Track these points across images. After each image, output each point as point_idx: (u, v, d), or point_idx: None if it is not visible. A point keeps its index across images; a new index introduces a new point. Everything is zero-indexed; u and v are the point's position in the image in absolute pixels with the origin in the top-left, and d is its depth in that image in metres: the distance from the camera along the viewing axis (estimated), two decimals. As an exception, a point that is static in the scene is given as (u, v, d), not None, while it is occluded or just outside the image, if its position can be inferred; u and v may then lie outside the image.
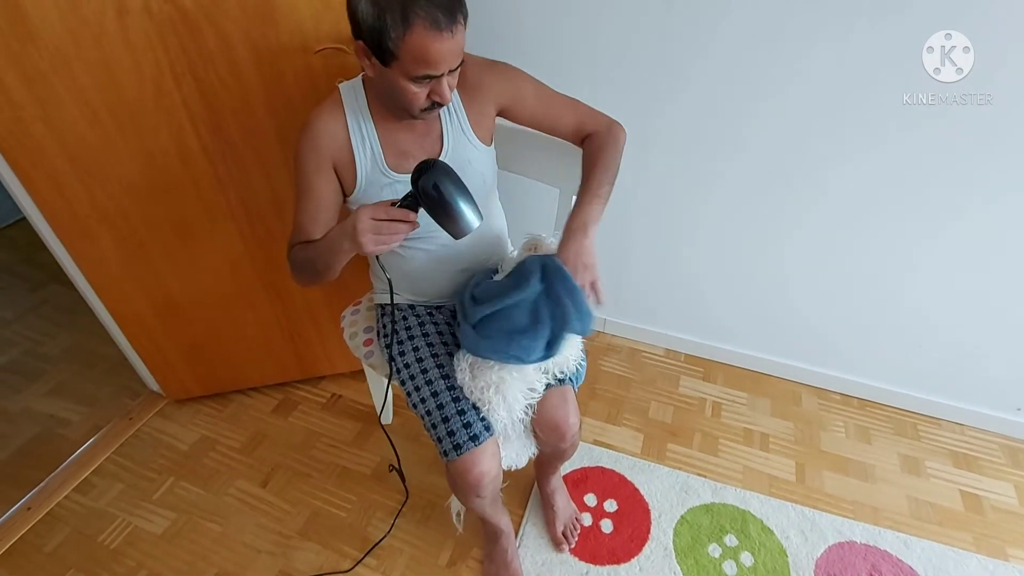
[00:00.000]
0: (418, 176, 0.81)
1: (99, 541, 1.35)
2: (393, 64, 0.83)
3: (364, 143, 0.98)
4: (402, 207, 0.84)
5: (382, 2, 0.78)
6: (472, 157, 1.04)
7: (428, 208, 0.82)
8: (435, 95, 0.88)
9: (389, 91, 0.89)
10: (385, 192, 1.00)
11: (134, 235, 1.32)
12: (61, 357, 1.85)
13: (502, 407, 0.98)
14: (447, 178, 0.81)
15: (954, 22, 1.02)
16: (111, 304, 1.44)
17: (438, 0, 0.78)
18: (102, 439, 1.59)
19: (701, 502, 1.42)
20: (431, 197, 0.80)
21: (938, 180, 1.27)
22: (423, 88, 0.86)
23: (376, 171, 0.99)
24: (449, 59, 0.83)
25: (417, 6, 0.77)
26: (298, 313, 1.55)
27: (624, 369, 1.79)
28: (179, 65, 1.12)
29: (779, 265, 1.56)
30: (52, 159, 1.17)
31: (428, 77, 0.84)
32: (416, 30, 0.78)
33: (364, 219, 0.83)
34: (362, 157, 0.98)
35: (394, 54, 0.81)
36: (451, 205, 0.81)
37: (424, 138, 1.00)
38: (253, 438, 1.59)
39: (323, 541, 1.35)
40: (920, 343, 1.55)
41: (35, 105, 1.10)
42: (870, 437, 1.60)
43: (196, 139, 1.21)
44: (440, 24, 0.79)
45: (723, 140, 1.40)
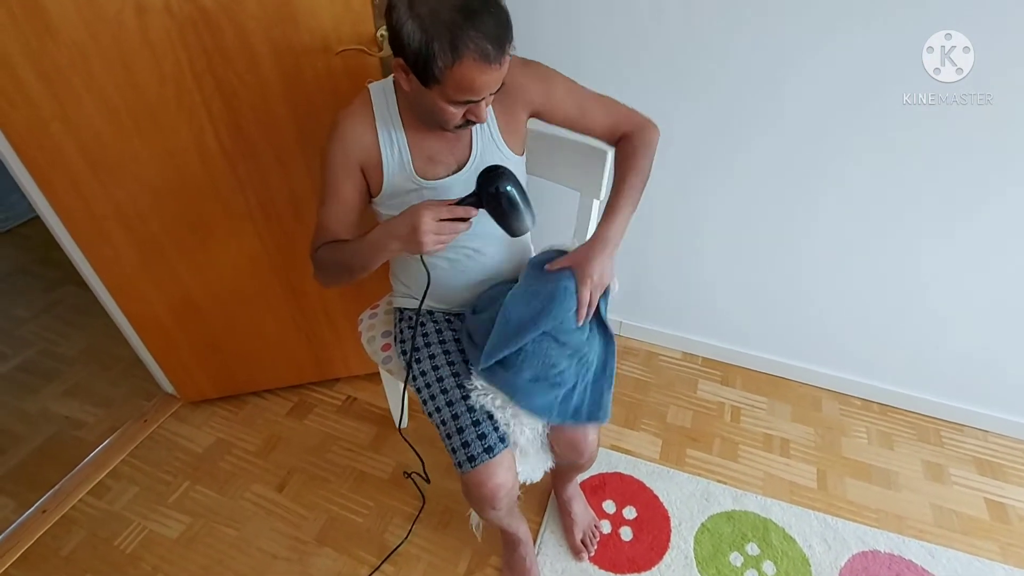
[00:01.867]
0: (486, 180, 0.84)
1: (115, 545, 1.35)
2: (434, 87, 0.81)
3: (393, 148, 0.96)
4: (464, 205, 0.85)
5: (430, 28, 0.74)
6: (501, 164, 1.01)
7: (494, 210, 0.86)
8: (471, 115, 0.86)
9: (424, 107, 0.87)
10: (411, 198, 0.98)
11: (151, 235, 1.30)
12: (77, 358, 1.84)
13: (518, 421, 0.96)
14: (514, 183, 0.84)
15: (954, 22, 1.02)
16: (126, 305, 1.42)
17: (489, 29, 0.75)
18: (117, 441, 1.58)
19: (722, 509, 1.40)
20: (498, 202, 0.84)
21: (950, 180, 1.25)
22: (461, 109, 0.85)
23: (404, 177, 0.97)
24: (493, 86, 0.82)
25: (468, 37, 0.74)
26: (315, 314, 1.53)
27: (641, 372, 1.77)
28: (199, 64, 1.10)
29: (796, 267, 1.54)
30: (69, 158, 1.16)
31: (469, 101, 0.83)
32: (465, 62, 0.76)
33: (428, 219, 0.82)
34: (390, 162, 0.96)
35: (438, 80, 0.79)
36: (516, 209, 0.85)
37: (454, 145, 0.98)
38: (268, 441, 1.58)
39: (340, 547, 1.34)
40: (941, 347, 1.53)
41: (53, 103, 1.09)
42: (892, 443, 1.57)
43: (215, 138, 1.19)
44: (489, 57, 0.76)
45: (739, 142, 1.38)
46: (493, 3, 0.77)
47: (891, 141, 1.23)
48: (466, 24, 0.74)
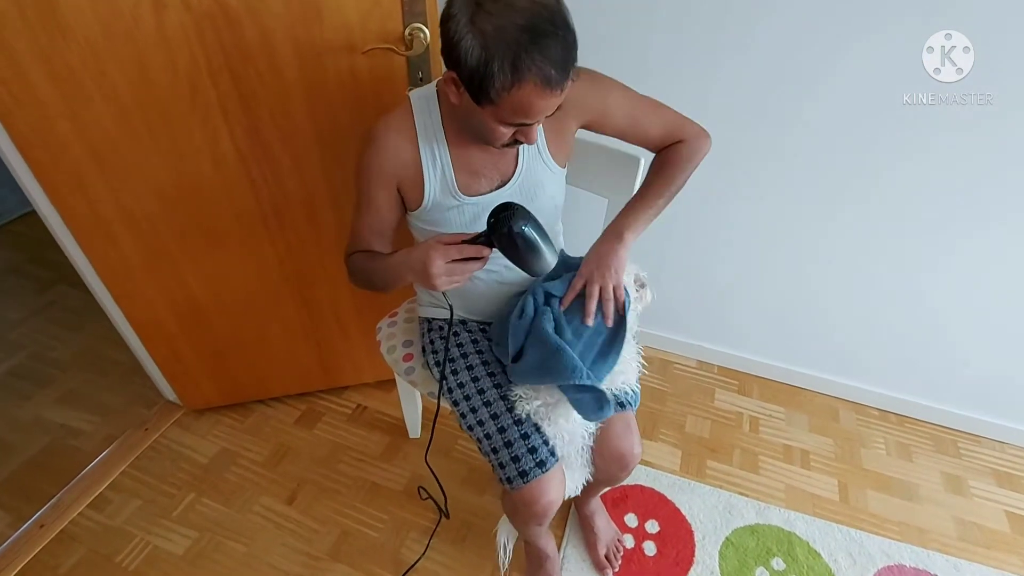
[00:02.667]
0: (497, 222, 0.77)
1: (117, 562, 1.29)
2: (487, 106, 0.75)
3: (435, 163, 0.91)
4: (476, 244, 0.80)
5: (492, 46, 0.69)
6: (545, 180, 0.97)
7: (508, 251, 0.79)
8: (521, 136, 0.82)
9: (472, 123, 0.83)
10: (451, 214, 0.94)
11: (159, 239, 1.24)
12: (71, 362, 1.77)
13: (565, 432, 0.92)
14: (527, 222, 0.77)
15: (954, 22, 1.01)
16: (129, 310, 1.36)
17: (555, 54, 0.70)
18: (117, 451, 1.51)
19: (746, 523, 1.38)
20: (513, 243, 0.77)
21: (955, 182, 1.24)
22: (511, 129, 0.80)
23: (446, 193, 0.93)
24: (549, 111, 0.77)
25: (531, 60, 0.69)
26: (326, 320, 1.48)
27: (658, 381, 1.75)
28: (216, 62, 1.05)
29: (813, 276, 1.52)
30: (76, 158, 1.10)
31: (522, 124, 0.78)
32: (525, 86, 0.71)
33: (438, 262, 0.78)
34: (432, 178, 0.92)
35: (492, 101, 0.74)
36: (533, 249, 0.78)
37: (499, 159, 0.94)
38: (276, 451, 1.53)
39: (354, 563, 1.29)
40: (959, 357, 1.52)
41: (61, 102, 1.03)
42: (911, 455, 1.56)
43: (230, 140, 1.14)
44: (552, 83, 0.71)
45: (753, 148, 1.36)
46: (562, 24, 0.71)
47: (891, 141, 1.22)
48: (532, 47, 0.68)
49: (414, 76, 1.12)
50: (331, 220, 1.30)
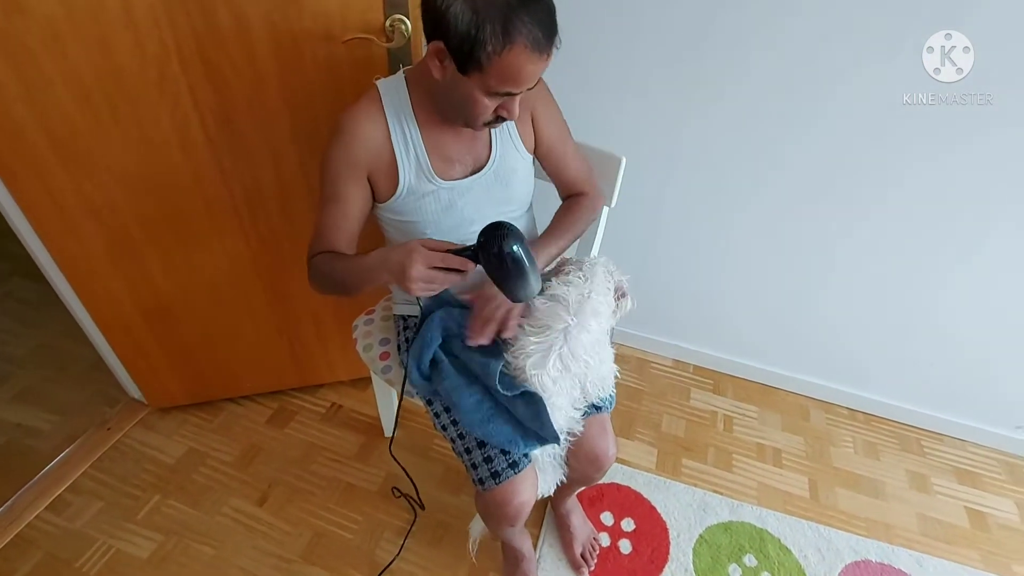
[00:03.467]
0: (488, 239, 0.74)
1: (76, 567, 1.23)
2: (474, 74, 0.75)
3: (408, 147, 0.89)
4: (462, 256, 0.78)
5: (482, 9, 0.70)
6: (518, 166, 0.97)
7: (495, 271, 0.77)
8: (504, 110, 0.82)
9: (455, 99, 0.82)
10: (427, 201, 0.92)
11: (124, 231, 1.19)
12: (28, 358, 1.69)
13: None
14: (520, 244, 0.74)
15: (954, 22, 1.02)
16: (91, 304, 1.30)
17: (542, 18, 0.72)
18: (77, 451, 1.45)
19: (719, 520, 1.40)
20: (502, 263, 0.74)
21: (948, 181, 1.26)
22: (495, 102, 0.80)
23: (421, 178, 0.91)
24: (533, 80, 0.78)
25: (521, 23, 0.71)
26: (299, 317, 1.44)
27: (634, 380, 1.76)
28: (187, 47, 1.00)
29: (788, 278, 1.55)
30: (34, 144, 1.04)
31: (508, 94, 0.78)
32: (516, 48, 0.72)
33: (418, 266, 0.75)
34: (406, 163, 0.90)
35: (481, 66, 0.74)
36: (521, 273, 0.76)
37: (472, 144, 0.92)
38: (247, 451, 1.48)
39: (328, 565, 1.26)
40: (924, 358, 1.56)
41: (17, 84, 0.97)
42: (878, 453, 1.61)
43: (201, 129, 1.10)
44: (540, 46, 0.73)
45: (733, 147, 1.37)
46: None
47: (891, 141, 1.23)
48: (521, 9, 0.70)
49: (394, 68, 1.09)
50: (306, 214, 1.26)
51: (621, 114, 1.39)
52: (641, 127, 1.40)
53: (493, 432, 0.91)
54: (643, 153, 1.43)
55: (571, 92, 1.08)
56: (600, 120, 1.39)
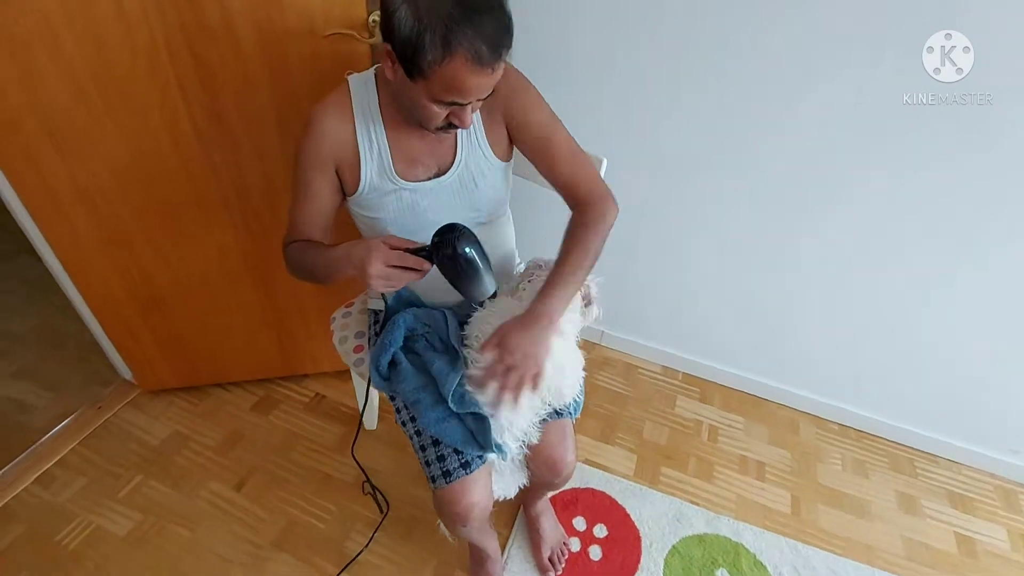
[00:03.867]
0: (441, 241, 0.78)
1: (56, 540, 1.27)
2: (419, 80, 0.75)
3: (372, 146, 0.90)
4: (418, 256, 0.80)
5: (424, 17, 0.69)
6: (485, 171, 0.96)
7: (448, 271, 0.79)
8: (455, 118, 0.81)
9: (405, 101, 0.82)
10: (389, 199, 0.93)
11: (115, 218, 1.23)
12: (28, 336, 1.75)
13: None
14: (472, 246, 0.77)
15: (954, 22, 1.01)
16: (84, 286, 1.35)
17: (487, 30, 0.70)
18: (68, 428, 1.50)
19: (694, 532, 1.38)
20: (456, 264, 0.77)
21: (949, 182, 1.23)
22: (444, 109, 0.79)
23: (383, 177, 0.92)
24: (481, 92, 0.77)
25: (462, 34, 0.69)
26: (286, 308, 1.47)
27: (619, 385, 1.74)
28: (176, 41, 1.03)
29: (783, 287, 1.53)
30: (28, 130, 1.08)
31: (454, 103, 0.78)
32: (456, 60, 0.71)
33: (377, 264, 0.77)
34: (368, 161, 0.91)
35: (424, 74, 0.73)
36: (473, 273, 0.78)
37: (436, 147, 0.93)
38: (230, 437, 1.51)
39: (298, 553, 1.28)
40: (923, 377, 1.52)
41: (14, 70, 1.01)
42: (867, 471, 1.57)
43: (190, 121, 1.12)
44: (483, 59, 0.71)
45: (732, 148, 1.35)
46: (497, 3, 0.72)
47: (892, 141, 1.21)
48: (464, 20, 0.69)
49: (375, 65, 1.11)
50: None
51: (603, 113, 1.39)
52: (631, 126, 1.39)
53: (446, 432, 0.91)
54: (630, 154, 1.42)
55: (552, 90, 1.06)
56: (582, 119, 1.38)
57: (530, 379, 0.83)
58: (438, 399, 0.93)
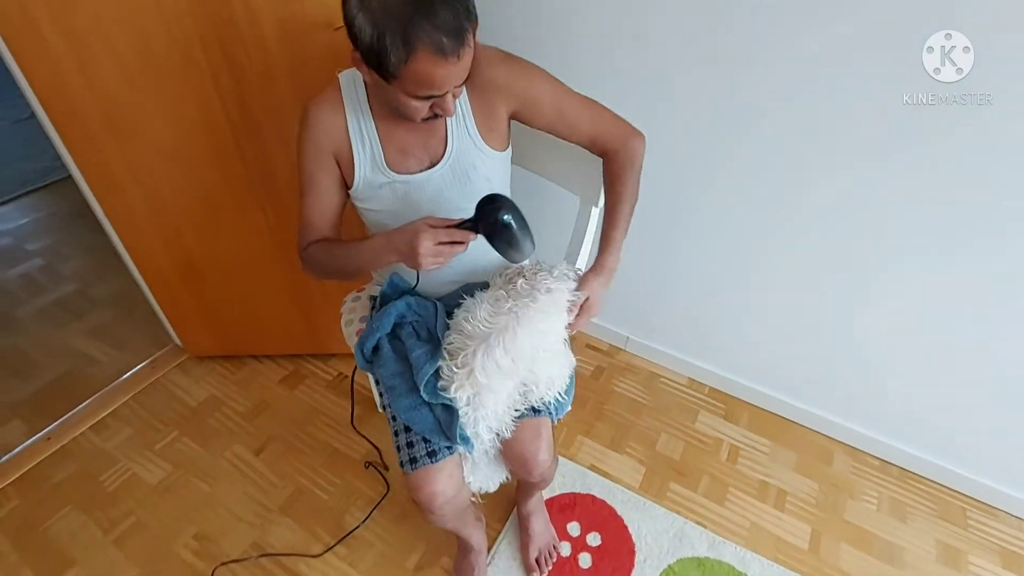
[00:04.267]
0: (483, 211, 0.84)
1: (100, 482, 1.43)
2: (392, 82, 0.77)
3: (363, 141, 0.93)
4: (463, 229, 0.85)
5: (380, 22, 0.70)
6: (477, 162, 0.96)
7: (493, 238, 0.85)
8: (438, 108, 0.83)
9: (388, 99, 0.84)
10: (384, 192, 0.95)
11: (159, 196, 1.35)
12: (106, 300, 1.97)
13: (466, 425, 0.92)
14: (513, 212, 0.84)
15: (954, 22, 0.97)
16: (137, 258, 1.50)
17: (443, 22, 0.70)
18: (124, 383, 1.67)
19: (694, 554, 1.31)
20: (499, 230, 0.84)
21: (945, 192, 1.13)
22: (424, 103, 0.80)
23: (376, 171, 0.94)
24: (455, 80, 0.78)
25: (420, 30, 0.70)
26: (311, 290, 1.55)
27: (638, 393, 1.68)
28: (208, 35, 1.11)
29: (829, 305, 1.39)
30: (87, 112, 1.21)
31: (431, 96, 0.79)
32: (419, 56, 0.71)
33: (427, 243, 0.82)
34: (361, 156, 0.93)
35: (394, 75, 0.75)
36: (516, 239, 0.84)
37: (428, 139, 0.94)
38: (257, 405, 1.62)
39: (300, 520, 1.36)
40: (989, 415, 1.34)
41: (73, 60, 1.14)
42: (906, 515, 1.41)
43: (222, 110, 1.21)
44: (445, 50, 0.72)
45: (758, 157, 1.27)
46: None
47: (892, 141, 1.14)
48: (417, 16, 0.69)
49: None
50: None
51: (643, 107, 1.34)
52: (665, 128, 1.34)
53: (416, 420, 0.93)
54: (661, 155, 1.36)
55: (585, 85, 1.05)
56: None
57: None
58: (412, 387, 0.95)
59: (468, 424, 0.93)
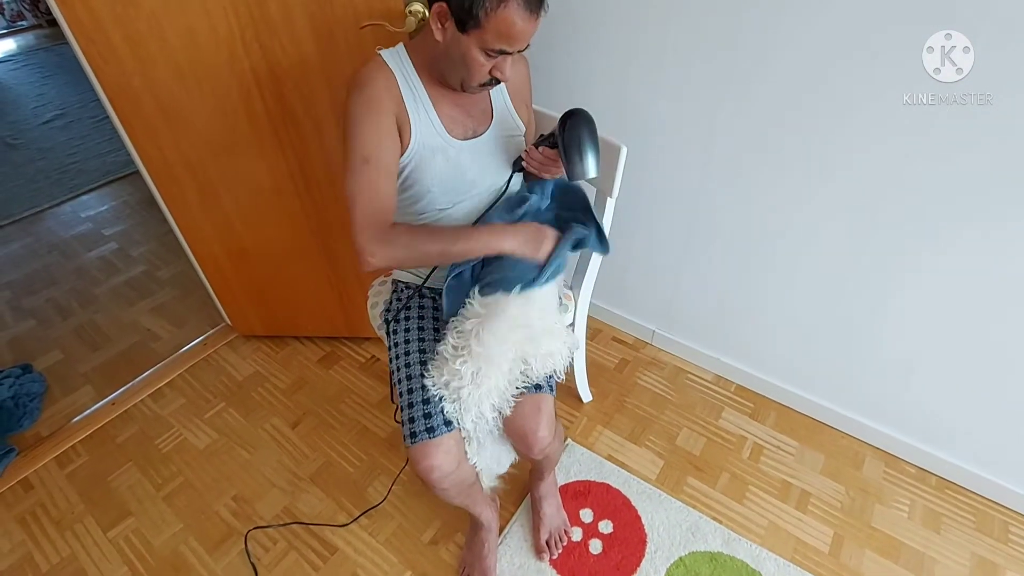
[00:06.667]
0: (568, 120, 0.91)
1: (155, 444, 1.57)
2: (472, 32, 0.84)
3: (418, 104, 0.96)
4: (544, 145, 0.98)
5: None
6: (514, 132, 1.06)
7: (570, 146, 0.91)
8: (497, 71, 0.89)
9: (453, 58, 0.89)
10: (437, 157, 0.97)
11: (210, 184, 1.47)
12: (170, 281, 2.15)
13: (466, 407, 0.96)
14: (592, 125, 0.91)
15: (954, 22, 0.97)
16: (190, 241, 1.63)
17: None
18: (180, 357, 1.83)
19: (707, 548, 1.30)
20: (579, 139, 0.90)
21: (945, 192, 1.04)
22: (490, 62, 0.87)
23: (432, 134, 0.97)
24: (526, 39, 0.86)
25: None
26: (346, 274, 1.64)
27: (663, 387, 1.67)
28: (248, 34, 1.20)
29: (863, 302, 1.34)
30: (147, 109, 1.33)
31: (502, 52, 0.86)
32: (511, 6, 0.80)
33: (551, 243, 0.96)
34: (416, 118, 0.95)
35: (479, 23, 0.82)
36: (591, 149, 0.91)
37: (472, 108, 1.01)
38: (296, 382, 1.73)
39: (328, 490, 1.45)
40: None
41: (135, 61, 1.26)
42: (940, 525, 1.34)
43: (261, 103, 1.31)
44: (532, 6, 0.82)
45: (784, 156, 1.23)
46: None
47: (893, 141, 1.12)
48: None
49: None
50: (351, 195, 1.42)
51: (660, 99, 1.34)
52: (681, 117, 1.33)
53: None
54: (680, 146, 1.35)
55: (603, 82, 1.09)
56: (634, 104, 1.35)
57: None
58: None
59: (471, 402, 0.97)
